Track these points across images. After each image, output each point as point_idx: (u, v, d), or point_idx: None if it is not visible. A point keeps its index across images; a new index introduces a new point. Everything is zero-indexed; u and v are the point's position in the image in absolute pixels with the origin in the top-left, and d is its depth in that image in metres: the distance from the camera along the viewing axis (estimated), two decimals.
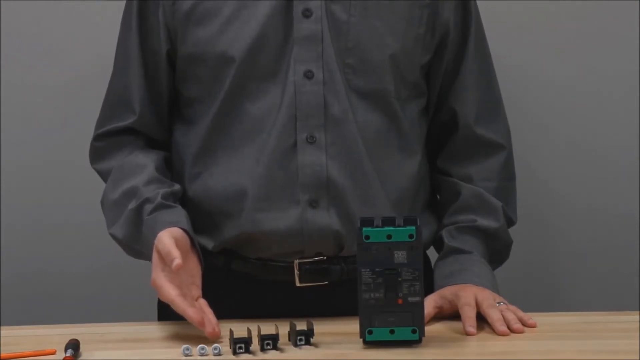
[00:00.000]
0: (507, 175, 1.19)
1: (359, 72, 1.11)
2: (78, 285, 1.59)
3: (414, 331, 0.95)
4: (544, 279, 1.61)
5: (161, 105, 1.19)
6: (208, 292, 1.14)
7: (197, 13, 1.12)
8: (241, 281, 1.14)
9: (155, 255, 1.03)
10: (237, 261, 1.14)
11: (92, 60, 1.53)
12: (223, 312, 1.10)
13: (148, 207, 1.10)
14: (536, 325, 1.01)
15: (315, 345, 0.98)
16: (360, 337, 0.94)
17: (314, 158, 1.11)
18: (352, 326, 1.03)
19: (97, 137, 1.18)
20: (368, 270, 0.96)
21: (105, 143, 1.17)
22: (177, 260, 0.99)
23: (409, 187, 1.12)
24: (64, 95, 1.57)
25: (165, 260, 1.01)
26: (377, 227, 0.94)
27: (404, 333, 0.95)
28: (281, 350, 0.97)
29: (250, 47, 1.10)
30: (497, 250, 1.17)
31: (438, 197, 1.23)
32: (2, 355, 0.98)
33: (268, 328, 0.98)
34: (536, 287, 1.61)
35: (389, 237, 0.95)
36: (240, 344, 0.96)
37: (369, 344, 0.95)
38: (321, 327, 1.01)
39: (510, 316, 1.01)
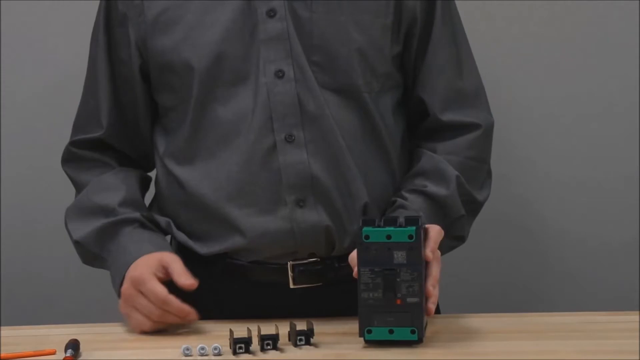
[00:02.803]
0: (475, 154, 1.19)
1: (327, 69, 1.11)
2: (78, 285, 1.59)
3: (413, 331, 0.95)
4: (544, 279, 1.62)
5: (133, 119, 1.19)
6: (203, 294, 1.14)
7: (161, 22, 1.13)
8: (235, 283, 1.14)
9: (155, 267, 1.05)
10: (230, 263, 1.14)
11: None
12: (219, 314, 1.11)
13: (127, 227, 1.12)
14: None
15: (315, 345, 0.98)
16: (360, 337, 0.95)
17: (295, 157, 1.11)
18: (351, 326, 1.03)
19: (72, 143, 1.19)
20: (367, 269, 0.96)
21: (80, 152, 1.19)
22: (192, 282, 1.04)
23: (389, 180, 1.12)
24: (62, 95, 1.56)
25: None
26: (378, 227, 0.95)
27: (403, 333, 0.95)
28: (281, 350, 0.97)
29: (216, 52, 1.10)
30: (449, 222, 1.15)
31: None
32: (2, 355, 0.98)
33: (268, 328, 0.98)
34: (536, 287, 1.61)
35: (389, 237, 0.95)
36: (241, 344, 0.96)
37: (369, 343, 0.96)
38: (321, 327, 1.01)
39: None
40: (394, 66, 1.15)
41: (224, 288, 1.14)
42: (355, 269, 0.97)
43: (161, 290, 1.03)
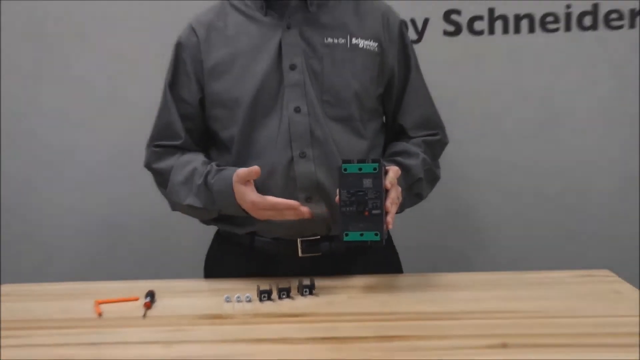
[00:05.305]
0: (428, 150, 1.28)
1: (334, 105, 1.21)
2: (152, 252, 1.77)
3: (376, 234, 1.07)
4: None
5: (198, 135, 1.29)
6: (237, 263, 1.26)
7: (216, 71, 1.22)
8: (261, 253, 1.25)
9: (241, 189, 1.14)
10: (258, 240, 1.25)
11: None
12: (250, 275, 1.22)
13: (210, 177, 1.19)
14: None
15: (316, 294, 1.14)
16: (340, 239, 1.09)
17: (306, 168, 1.20)
18: (341, 282, 1.18)
19: (155, 146, 1.28)
20: (345, 191, 1.08)
21: (162, 150, 1.28)
22: (256, 167, 1.12)
23: None
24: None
25: (250, 185, 1.13)
26: (352, 163, 1.08)
27: (369, 236, 1.07)
28: (292, 298, 1.12)
29: (255, 94, 1.20)
30: (411, 182, 1.24)
31: None
32: (98, 300, 1.11)
33: (284, 283, 1.14)
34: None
35: (360, 169, 1.07)
36: (264, 294, 1.11)
37: (346, 242, 1.08)
38: (320, 283, 1.17)
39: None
40: (378, 103, 1.28)
41: (253, 257, 1.26)
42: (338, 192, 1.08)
43: (264, 200, 1.13)
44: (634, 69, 1.62)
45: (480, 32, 1.64)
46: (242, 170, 1.14)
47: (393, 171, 1.12)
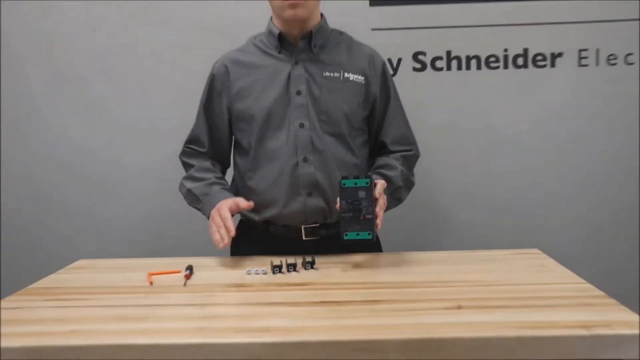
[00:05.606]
0: (404, 163, 1.27)
1: (328, 123, 1.23)
2: (191, 235, 1.67)
3: (369, 234, 1.06)
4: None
5: (223, 146, 1.30)
6: (255, 245, 1.26)
7: (240, 94, 1.25)
8: (274, 238, 1.26)
9: (230, 200, 1.17)
10: (272, 226, 1.26)
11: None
12: (264, 254, 1.22)
13: (221, 185, 1.23)
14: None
15: (317, 269, 1.14)
16: (341, 238, 1.08)
17: (308, 170, 1.22)
18: (336, 259, 1.19)
19: (186, 146, 1.32)
20: (344, 201, 1.08)
21: (191, 150, 1.32)
22: (251, 202, 1.17)
23: None
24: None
25: (235, 209, 1.15)
26: (349, 179, 1.08)
27: (364, 235, 1.07)
28: (298, 271, 1.12)
29: (268, 113, 1.22)
30: (393, 188, 1.24)
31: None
32: (151, 272, 1.11)
33: (291, 260, 1.15)
34: None
35: (356, 184, 1.07)
36: (276, 268, 1.11)
37: (346, 241, 1.07)
38: (319, 260, 1.18)
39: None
40: (364, 122, 1.29)
41: (268, 240, 1.27)
42: (338, 201, 1.09)
43: (226, 213, 1.13)
44: (555, 97, 1.65)
45: (441, 69, 1.67)
46: (243, 200, 1.17)
47: (380, 184, 1.14)
